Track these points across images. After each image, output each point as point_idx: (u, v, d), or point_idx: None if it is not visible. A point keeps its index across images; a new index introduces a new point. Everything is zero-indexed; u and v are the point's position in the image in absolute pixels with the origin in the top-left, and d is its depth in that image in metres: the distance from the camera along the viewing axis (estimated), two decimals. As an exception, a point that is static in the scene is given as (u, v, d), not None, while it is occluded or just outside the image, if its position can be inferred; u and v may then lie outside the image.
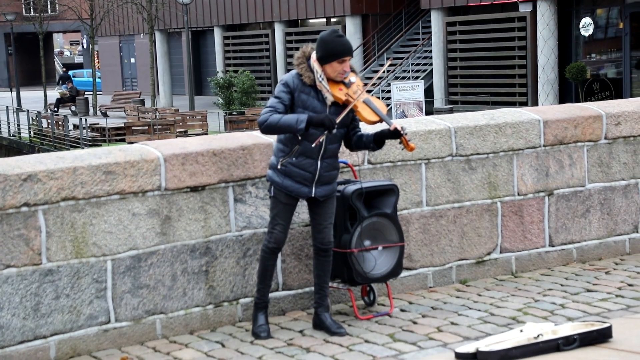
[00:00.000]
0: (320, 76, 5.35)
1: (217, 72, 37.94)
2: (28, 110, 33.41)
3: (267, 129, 5.31)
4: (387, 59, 6.17)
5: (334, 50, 5.31)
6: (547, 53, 26.30)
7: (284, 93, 5.35)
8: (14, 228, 5.16)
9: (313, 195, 5.46)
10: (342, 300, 6.18)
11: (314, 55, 5.39)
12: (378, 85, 30.49)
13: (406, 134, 5.35)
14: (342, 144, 5.60)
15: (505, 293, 6.32)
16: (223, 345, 5.48)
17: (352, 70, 5.48)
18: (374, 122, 5.39)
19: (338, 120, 5.30)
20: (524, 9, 26.99)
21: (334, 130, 5.27)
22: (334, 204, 5.61)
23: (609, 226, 7.18)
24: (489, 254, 6.72)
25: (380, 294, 6.20)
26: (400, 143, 5.36)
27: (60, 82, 48.93)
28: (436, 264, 6.53)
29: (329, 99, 5.38)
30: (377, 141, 5.46)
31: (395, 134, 5.34)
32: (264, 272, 5.58)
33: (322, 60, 5.33)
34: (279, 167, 5.44)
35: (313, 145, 5.28)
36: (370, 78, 31.96)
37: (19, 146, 32.31)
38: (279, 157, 5.45)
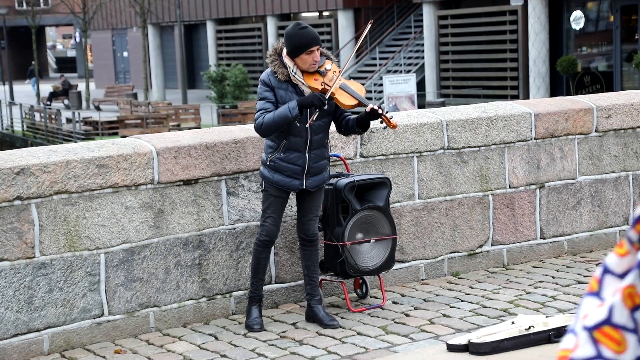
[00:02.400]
0: (293, 70, 5.39)
1: (210, 65, 37.89)
2: (21, 104, 33.33)
3: (265, 129, 5.33)
4: (369, 23, 6.12)
5: (299, 43, 5.34)
6: (538, 46, 26.33)
7: (266, 92, 5.41)
8: (7, 221, 5.17)
9: (305, 187, 5.49)
10: (334, 292, 6.21)
11: (284, 51, 5.42)
12: (370, 79, 30.47)
13: (386, 113, 5.36)
14: (336, 129, 5.62)
15: (497, 285, 6.36)
16: (216, 338, 5.50)
17: (328, 58, 5.51)
18: (353, 106, 5.42)
19: (310, 121, 5.32)
20: (516, 2, 27.00)
21: (326, 107, 5.29)
22: (322, 196, 5.63)
23: (599, 218, 7.22)
24: (480, 246, 6.75)
25: (373, 287, 6.22)
26: (382, 122, 5.38)
27: (30, 75, 48.79)
28: (428, 257, 6.56)
29: (307, 91, 5.41)
30: (360, 125, 5.48)
31: (374, 114, 5.36)
32: (257, 266, 5.61)
33: (292, 55, 5.37)
34: (268, 163, 5.48)
35: (307, 124, 5.31)
36: (363, 71, 31.95)
37: (11, 140, 32.24)
38: (268, 153, 5.49)
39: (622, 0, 25.44)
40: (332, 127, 6.16)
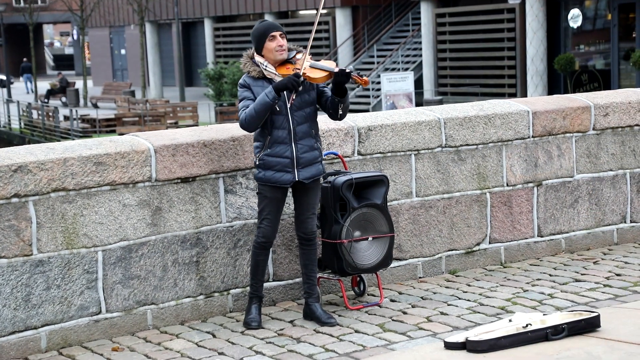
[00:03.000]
0: (264, 65, 5.49)
1: (208, 63, 37.88)
2: (18, 102, 33.32)
3: (249, 121, 5.40)
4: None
5: (259, 33, 5.50)
6: (536, 44, 26.35)
7: (245, 92, 5.50)
8: (4, 219, 5.17)
9: (298, 179, 5.49)
10: (332, 290, 6.21)
11: (254, 53, 5.56)
12: (368, 77, 30.47)
13: (352, 72, 5.41)
14: (329, 117, 5.64)
15: (494, 283, 6.36)
16: (214, 336, 5.50)
17: (298, 51, 5.57)
18: (326, 79, 5.47)
19: (291, 100, 5.38)
20: (513, 0, 27.01)
21: (300, 87, 5.36)
22: (318, 193, 5.64)
23: (597, 216, 7.22)
24: (478, 244, 6.76)
25: (370, 285, 6.23)
26: (354, 83, 5.42)
27: (23, 72, 48.73)
28: (426, 255, 6.56)
29: (288, 94, 5.45)
30: (336, 93, 5.50)
31: (342, 75, 5.38)
32: (256, 268, 5.62)
33: (259, 49, 5.51)
34: (257, 162, 5.51)
35: (289, 103, 5.37)
36: (361, 69, 31.94)
37: (9, 137, 32.23)
38: (256, 153, 5.54)
39: (619, -2, 25.45)
40: (325, 125, 6.16)
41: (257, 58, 5.52)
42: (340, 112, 5.52)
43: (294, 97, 5.39)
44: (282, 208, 5.61)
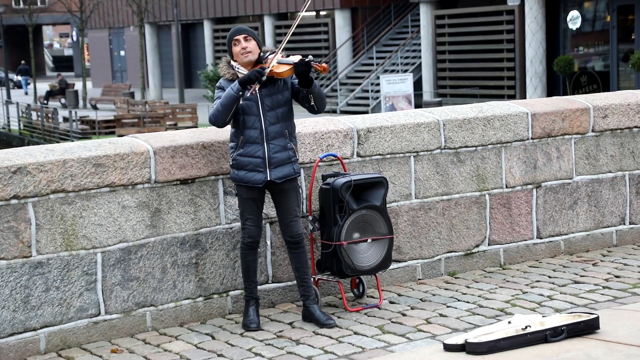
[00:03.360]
0: (236, 67, 5.61)
1: (207, 65, 37.88)
2: (17, 103, 33.32)
3: (215, 116, 5.48)
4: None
5: (227, 40, 5.70)
6: (535, 46, 26.36)
7: (219, 92, 5.61)
8: (3, 220, 5.17)
9: (269, 179, 5.50)
10: (331, 292, 6.21)
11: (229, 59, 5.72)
12: (367, 78, 30.48)
13: (312, 61, 5.46)
14: (308, 111, 5.66)
15: (494, 285, 6.36)
16: (213, 338, 5.50)
17: (273, 52, 5.61)
18: (290, 72, 5.51)
19: (252, 91, 5.42)
20: (512, 2, 27.02)
21: (264, 78, 5.42)
22: (297, 196, 5.64)
23: (596, 218, 7.23)
24: (477, 246, 6.76)
25: (370, 286, 6.23)
26: (314, 72, 5.48)
27: (20, 74, 48.67)
28: (425, 256, 6.56)
29: (249, 87, 5.51)
30: (301, 84, 5.54)
31: (301, 65, 5.43)
32: (247, 269, 5.63)
33: (230, 54, 5.68)
34: (231, 162, 5.56)
35: (248, 94, 5.43)
36: (360, 71, 31.95)
37: (8, 138, 32.23)
38: (231, 154, 5.58)
39: (618, 0, 25.47)
40: (325, 127, 6.16)
41: (232, 63, 5.65)
42: (313, 103, 5.55)
43: (256, 89, 5.45)
44: (262, 206, 5.63)
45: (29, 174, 5.23)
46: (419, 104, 25.88)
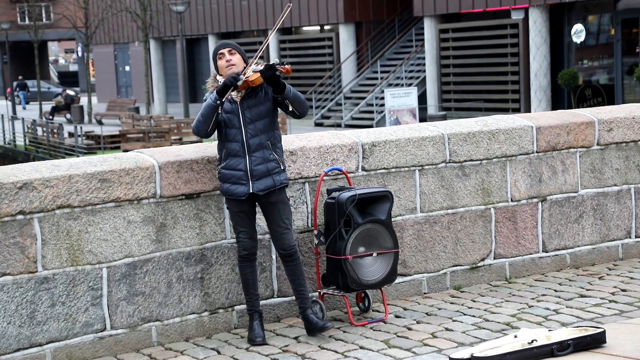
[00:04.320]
0: (220, 82, 5.63)
1: (212, 79, 37.86)
2: (23, 118, 33.38)
3: (197, 127, 5.54)
4: (288, 5, 6.28)
5: (213, 55, 5.74)
6: (539, 59, 26.38)
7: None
8: (9, 236, 5.18)
9: (252, 191, 5.50)
10: (337, 306, 6.20)
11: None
12: (371, 92, 30.51)
13: (279, 64, 5.49)
14: (290, 116, 5.67)
15: (499, 299, 6.35)
16: (218, 352, 5.49)
17: (255, 64, 5.63)
18: (262, 80, 5.53)
19: (227, 97, 5.46)
20: (517, 15, 27.07)
21: (239, 83, 5.46)
22: (285, 207, 5.63)
23: (602, 232, 7.21)
24: (482, 260, 6.75)
25: (375, 300, 6.22)
26: (280, 74, 5.49)
27: (18, 89, 48.76)
28: (430, 270, 6.56)
29: (234, 95, 5.56)
30: (274, 90, 5.56)
31: (267, 69, 5.45)
32: (245, 282, 5.63)
33: (216, 68, 5.71)
34: (217, 175, 5.61)
35: (223, 99, 5.47)
36: (364, 85, 32.00)
37: (14, 154, 32.28)
38: (217, 167, 5.61)
39: (622, 13, 25.50)
40: (330, 141, 6.16)
41: (218, 78, 5.69)
42: (291, 108, 5.57)
43: (230, 95, 5.49)
44: (254, 218, 5.63)
45: (35, 189, 5.24)
46: (423, 118, 25.89)
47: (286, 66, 5.52)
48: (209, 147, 5.94)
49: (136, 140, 27.25)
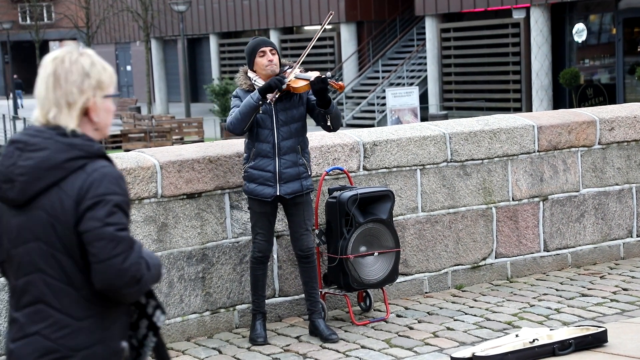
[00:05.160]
0: (254, 79, 5.58)
1: (213, 79, 37.96)
2: (24, 118, 33.39)
3: (233, 124, 5.48)
4: (330, 13, 6.27)
5: (250, 49, 5.61)
6: (540, 59, 26.37)
7: (236, 101, 5.61)
8: (11, 236, 5.17)
9: (278, 194, 5.49)
10: (338, 306, 6.20)
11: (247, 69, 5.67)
12: (373, 92, 30.52)
13: (330, 78, 5.45)
14: (323, 129, 5.64)
15: (501, 298, 6.35)
16: (220, 352, 5.49)
17: (290, 67, 5.60)
18: (307, 87, 5.51)
19: (271, 99, 5.43)
20: (518, 15, 27.06)
21: (284, 86, 5.41)
22: (309, 210, 5.62)
23: (603, 231, 7.21)
24: (484, 259, 6.75)
25: (377, 300, 6.22)
26: (332, 88, 5.46)
27: (14, 89, 48.70)
28: (432, 270, 6.55)
29: (269, 95, 5.50)
30: (319, 103, 5.51)
31: (317, 82, 5.41)
32: (256, 283, 5.62)
33: (250, 64, 5.62)
34: (243, 174, 5.56)
35: (268, 100, 5.42)
36: (366, 84, 32.01)
37: (14, 154, 32.23)
38: (243, 164, 5.59)
39: (624, 12, 25.49)
40: (331, 140, 6.17)
41: (250, 74, 5.62)
42: (329, 123, 5.53)
43: (274, 97, 5.44)
44: (274, 221, 5.63)
45: (36, 189, 5.23)
46: (425, 117, 25.89)
47: (340, 82, 5.49)
48: (210, 147, 5.94)
49: (137, 139, 27.25)
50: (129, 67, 48.89)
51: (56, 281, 2.63)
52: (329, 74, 5.56)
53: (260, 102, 5.41)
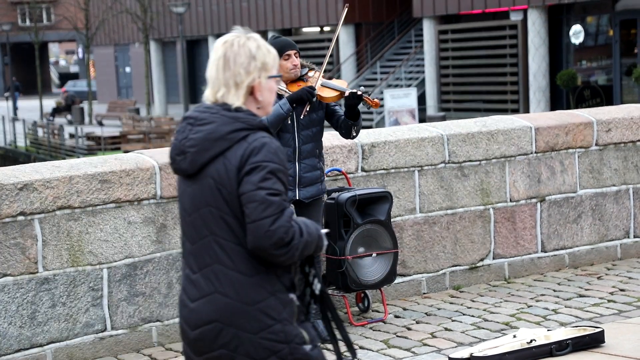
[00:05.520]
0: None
1: (211, 80, 37.87)
2: (24, 120, 33.41)
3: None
4: (345, 6, 6.22)
5: (275, 50, 5.42)
6: (538, 60, 26.40)
7: None
8: (10, 237, 5.20)
9: (298, 198, 5.51)
10: (336, 307, 6.21)
11: None
12: (371, 93, 30.50)
13: (365, 93, 5.42)
14: (340, 135, 5.63)
15: (499, 299, 6.37)
16: (219, 352, 5.50)
17: (311, 69, 5.58)
18: (336, 99, 5.49)
19: (304, 113, 5.38)
20: (515, 17, 27.09)
21: (314, 99, 5.35)
22: (319, 210, 5.64)
23: (600, 232, 7.23)
24: (482, 260, 6.77)
25: (375, 301, 6.23)
26: (364, 104, 5.43)
27: (9, 89, 48.70)
28: (430, 270, 6.57)
29: (301, 108, 5.45)
30: (348, 115, 5.49)
31: (353, 97, 5.40)
32: None
33: None
34: None
35: (302, 116, 5.38)
36: (364, 86, 32.02)
37: (15, 155, 32.30)
38: None
39: (621, 14, 25.52)
40: (329, 142, 6.19)
41: None
42: (354, 133, 5.51)
43: (307, 110, 5.37)
44: None
45: (36, 190, 5.26)
46: (422, 119, 25.91)
47: (375, 100, 5.42)
48: (209, 148, 5.95)
49: (137, 141, 27.28)
50: (128, 69, 48.89)
51: (227, 242, 2.88)
52: (362, 88, 5.47)
53: (290, 113, 5.32)
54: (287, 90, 5.48)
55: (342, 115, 5.54)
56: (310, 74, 5.56)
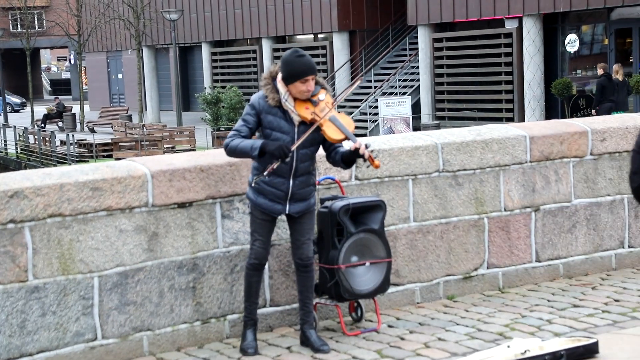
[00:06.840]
0: (284, 96, 5.38)
1: (205, 87, 37.96)
2: (15, 126, 33.31)
3: (229, 153, 5.42)
4: (365, 77, 6.25)
5: (295, 70, 5.33)
6: (533, 69, 26.44)
7: (249, 115, 5.41)
8: (0, 245, 5.14)
9: (288, 212, 5.48)
10: (329, 316, 6.18)
11: (279, 76, 5.42)
12: (365, 101, 30.54)
13: (372, 152, 5.35)
14: (326, 158, 5.61)
15: (493, 309, 6.34)
16: (210, 362, 5.46)
17: (323, 87, 5.50)
18: (340, 141, 5.41)
19: (296, 144, 5.32)
20: (510, 25, 27.14)
21: (287, 160, 5.27)
22: (312, 220, 5.61)
23: (595, 242, 7.21)
24: (476, 269, 6.73)
25: (368, 310, 6.20)
26: (365, 161, 5.37)
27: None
28: (423, 280, 6.54)
29: (296, 119, 5.40)
30: (345, 161, 5.48)
31: (356, 155, 5.36)
32: (249, 289, 5.59)
33: (286, 81, 5.37)
34: (252, 185, 5.48)
35: (265, 173, 5.31)
36: (358, 94, 32.04)
37: (5, 162, 32.21)
38: (254, 174, 5.50)
39: (616, 23, 25.59)
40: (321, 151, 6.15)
41: (280, 86, 5.38)
42: (343, 172, 5.61)
43: (274, 166, 5.28)
44: (274, 229, 5.60)
45: (26, 198, 5.21)
46: (417, 127, 25.92)
47: (376, 161, 5.30)
48: (202, 156, 5.91)
49: (128, 148, 27.19)
50: (120, 76, 48.84)
51: None
52: (369, 143, 5.36)
53: (256, 157, 5.28)
54: (294, 110, 5.38)
55: (339, 151, 5.52)
56: (321, 96, 5.41)
